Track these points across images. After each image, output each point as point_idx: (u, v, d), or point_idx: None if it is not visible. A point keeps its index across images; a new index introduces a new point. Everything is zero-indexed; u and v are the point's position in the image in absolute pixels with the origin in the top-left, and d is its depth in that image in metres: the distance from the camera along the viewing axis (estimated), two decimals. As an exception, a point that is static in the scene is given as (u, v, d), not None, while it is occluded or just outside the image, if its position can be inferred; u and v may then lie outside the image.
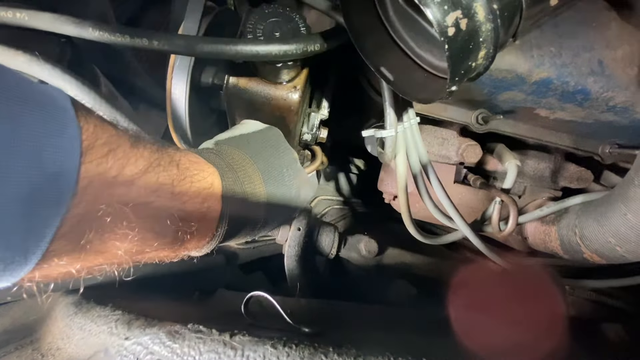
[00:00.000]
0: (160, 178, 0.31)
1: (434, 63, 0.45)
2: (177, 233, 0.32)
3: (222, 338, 0.37)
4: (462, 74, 0.35)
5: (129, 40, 0.48)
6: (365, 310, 0.57)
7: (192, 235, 0.34)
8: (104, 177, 0.26)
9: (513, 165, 0.66)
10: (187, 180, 0.34)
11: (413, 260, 0.80)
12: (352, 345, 0.38)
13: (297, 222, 0.70)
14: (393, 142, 0.54)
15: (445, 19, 0.30)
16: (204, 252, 0.39)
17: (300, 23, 0.55)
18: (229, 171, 0.40)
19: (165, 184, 0.31)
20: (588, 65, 0.54)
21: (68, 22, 0.51)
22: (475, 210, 0.77)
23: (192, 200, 0.34)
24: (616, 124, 0.62)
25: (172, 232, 0.32)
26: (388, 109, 0.52)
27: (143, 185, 0.29)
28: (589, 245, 0.61)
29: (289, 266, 0.67)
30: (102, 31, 0.49)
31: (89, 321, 0.44)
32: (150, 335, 0.39)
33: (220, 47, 0.47)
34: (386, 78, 0.47)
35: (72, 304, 0.50)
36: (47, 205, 0.22)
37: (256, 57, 0.48)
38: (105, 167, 0.26)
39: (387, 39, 0.47)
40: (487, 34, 0.32)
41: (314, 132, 0.73)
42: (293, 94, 0.61)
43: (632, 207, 0.52)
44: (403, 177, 0.58)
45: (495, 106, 0.65)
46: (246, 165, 0.44)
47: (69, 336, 0.45)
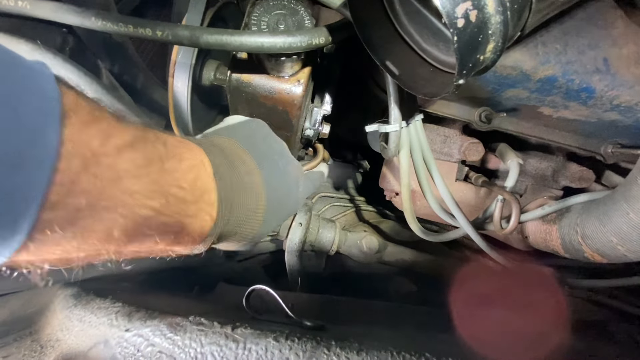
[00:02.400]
0: (147, 153, 0.29)
1: (440, 57, 0.45)
2: (171, 214, 0.31)
3: (224, 330, 0.36)
4: (470, 67, 0.34)
5: (132, 30, 0.48)
6: (366, 306, 0.57)
7: (190, 218, 0.33)
8: (88, 144, 0.25)
9: (515, 164, 0.66)
10: (177, 158, 0.32)
11: (413, 257, 0.80)
12: (355, 339, 0.38)
13: (298, 217, 0.70)
14: (397, 138, 0.53)
15: (455, 10, 0.30)
16: (206, 243, 0.37)
17: (306, 16, 0.55)
18: (219, 153, 0.39)
19: (154, 159, 0.30)
20: (593, 63, 0.54)
21: (70, 11, 0.50)
22: (477, 208, 0.77)
23: (184, 177, 0.32)
24: (619, 124, 0.62)
25: (167, 213, 0.31)
26: (392, 104, 0.52)
27: (130, 159, 0.28)
28: (590, 245, 0.61)
29: (289, 261, 0.67)
30: (105, 20, 0.48)
31: (89, 313, 0.44)
32: (151, 327, 0.39)
33: (224, 38, 0.47)
34: (391, 72, 0.46)
35: (71, 296, 0.50)
36: (30, 166, 0.21)
37: (261, 49, 0.48)
38: (88, 134, 0.25)
39: (393, 33, 0.47)
40: (496, 27, 0.32)
41: (316, 128, 0.73)
42: (297, 88, 0.60)
43: (635, 206, 0.52)
44: (407, 173, 0.58)
45: (498, 104, 0.65)
46: (237, 149, 0.42)
47: (68, 328, 0.44)
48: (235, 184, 0.39)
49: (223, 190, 0.36)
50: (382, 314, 0.55)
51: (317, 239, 0.74)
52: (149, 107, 0.90)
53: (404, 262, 0.79)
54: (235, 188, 0.38)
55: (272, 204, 0.43)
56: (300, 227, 0.69)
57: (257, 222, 0.42)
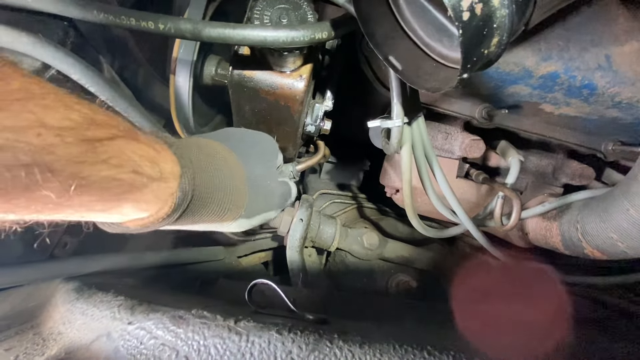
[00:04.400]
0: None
1: (443, 53, 0.45)
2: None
3: (226, 323, 0.36)
4: (474, 61, 0.34)
5: (135, 23, 0.47)
6: (367, 301, 0.57)
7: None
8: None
9: (516, 161, 0.66)
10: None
11: (413, 253, 0.80)
12: (357, 332, 0.38)
13: (299, 213, 0.69)
14: (399, 133, 0.53)
15: (460, 3, 0.30)
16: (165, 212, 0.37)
17: (308, 10, 0.55)
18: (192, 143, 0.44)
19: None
20: (595, 60, 0.54)
21: (72, 4, 0.50)
22: (477, 205, 0.77)
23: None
24: (620, 121, 0.62)
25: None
26: (395, 100, 0.51)
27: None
28: (590, 241, 0.61)
29: (290, 257, 0.67)
30: (107, 14, 0.48)
31: (91, 306, 0.44)
32: (154, 320, 0.39)
33: (227, 32, 0.46)
34: (395, 67, 0.46)
35: (73, 290, 0.50)
36: None
37: (263, 43, 0.48)
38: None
39: (396, 28, 0.47)
40: (501, 20, 0.32)
41: (317, 124, 0.73)
42: (299, 83, 0.60)
43: (635, 203, 0.53)
44: (408, 169, 0.58)
45: (500, 100, 0.65)
46: (211, 139, 0.49)
47: (70, 321, 0.44)
48: (203, 162, 0.43)
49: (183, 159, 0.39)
50: (383, 308, 0.55)
51: (318, 235, 0.74)
52: (149, 103, 0.90)
53: (404, 258, 0.79)
54: (202, 167, 0.42)
55: (252, 191, 0.49)
56: (302, 222, 0.69)
57: (235, 199, 0.47)
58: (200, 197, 0.41)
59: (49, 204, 0.28)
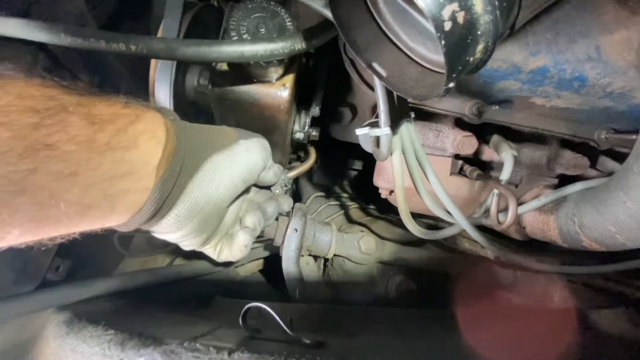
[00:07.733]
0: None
1: (427, 56, 0.43)
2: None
3: (220, 356, 0.35)
4: (459, 69, 0.33)
5: (105, 46, 0.45)
6: (367, 313, 0.56)
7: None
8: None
9: (510, 156, 0.65)
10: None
11: (412, 255, 0.79)
12: (356, 355, 0.37)
13: (293, 223, 0.68)
14: (388, 141, 0.52)
15: (441, 12, 0.28)
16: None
17: (286, 18, 0.53)
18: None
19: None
20: (585, 52, 0.53)
21: (39, 27, 0.48)
22: (473, 201, 0.76)
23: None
24: (613, 110, 0.61)
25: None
26: (382, 107, 0.50)
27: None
28: (588, 234, 0.61)
29: (287, 270, 0.66)
30: (74, 36, 0.46)
31: (81, 342, 0.43)
32: (145, 356, 0.37)
33: (202, 50, 0.44)
34: (379, 74, 0.45)
35: (63, 323, 0.48)
36: None
37: (241, 58, 0.46)
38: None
39: (378, 33, 0.45)
40: (485, 27, 0.30)
41: (306, 131, 0.71)
42: (282, 92, 0.59)
43: (632, 195, 0.52)
44: (400, 175, 0.56)
45: (490, 96, 0.64)
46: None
47: (61, 358, 0.43)
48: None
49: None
50: (384, 320, 0.55)
51: (314, 244, 0.72)
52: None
53: (402, 260, 0.78)
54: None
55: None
56: (296, 233, 0.68)
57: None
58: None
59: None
